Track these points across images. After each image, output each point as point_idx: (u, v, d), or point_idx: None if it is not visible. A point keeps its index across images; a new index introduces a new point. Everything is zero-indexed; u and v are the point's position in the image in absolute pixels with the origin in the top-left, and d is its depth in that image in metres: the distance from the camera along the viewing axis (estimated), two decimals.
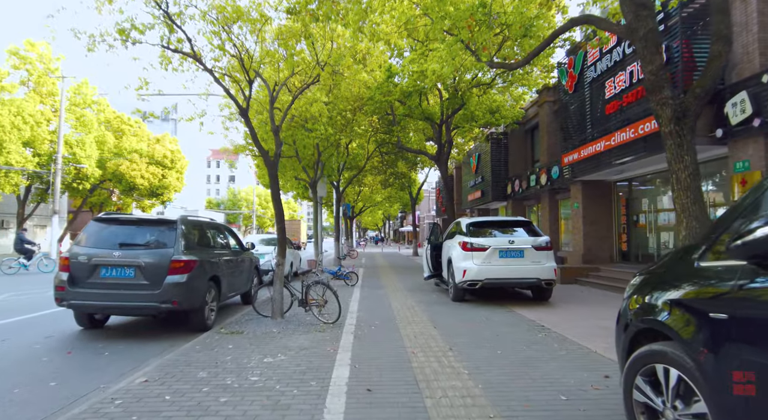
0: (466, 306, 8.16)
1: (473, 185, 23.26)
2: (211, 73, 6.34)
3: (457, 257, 8.36)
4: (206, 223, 7.58)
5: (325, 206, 34.03)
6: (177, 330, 6.62)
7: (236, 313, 8.01)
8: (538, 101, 17.26)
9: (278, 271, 6.85)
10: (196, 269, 6.31)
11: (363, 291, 10.49)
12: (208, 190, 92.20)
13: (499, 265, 8.01)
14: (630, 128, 9.38)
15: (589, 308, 7.94)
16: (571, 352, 4.96)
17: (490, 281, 8.02)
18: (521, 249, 8.04)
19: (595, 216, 13.12)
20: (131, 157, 31.21)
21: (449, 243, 9.37)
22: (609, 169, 10.94)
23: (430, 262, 10.54)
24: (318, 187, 14.40)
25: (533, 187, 16.49)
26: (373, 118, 19.89)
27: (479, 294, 9.05)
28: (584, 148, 11.47)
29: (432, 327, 6.30)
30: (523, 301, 8.72)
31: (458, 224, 9.35)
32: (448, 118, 14.35)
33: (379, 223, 74.32)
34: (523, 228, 8.64)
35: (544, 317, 6.98)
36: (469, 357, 4.74)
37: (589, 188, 13.08)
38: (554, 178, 14.51)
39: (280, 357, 4.80)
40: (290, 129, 10.81)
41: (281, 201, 6.97)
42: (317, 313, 6.71)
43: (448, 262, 9.09)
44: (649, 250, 11.83)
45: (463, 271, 8.09)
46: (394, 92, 11.69)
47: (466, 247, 8.17)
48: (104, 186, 32.72)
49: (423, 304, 8.35)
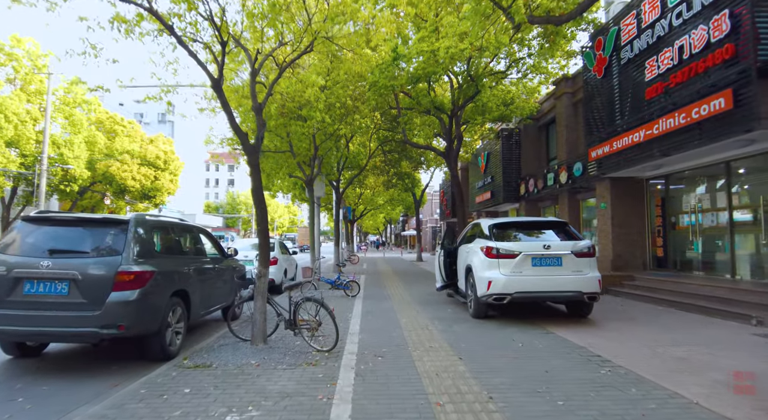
0: (491, 325, 6.73)
1: (481, 186, 21.85)
2: (172, 32, 4.95)
3: (480, 265, 6.94)
4: (173, 224, 6.18)
5: (324, 209, 32.66)
6: (133, 358, 5.20)
7: (214, 332, 6.59)
8: (555, 93, 15.87)
9: (259, 284, 5.44)
10: (152, 283, 4.91)
11: (366, 304, 9.06)
12: (206, 194, 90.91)
13: (533, 276, 6.59)
14: (680, 113, 7.98)
15: (642, 328, 6.50)
16: (662, 403, 3.53)
17: (521, 295, 6.59)
18: (559, 255, 6.61)
19: (625, 217, 11.69)
20: (122, 157, 29.86)
21: (467, 248, 7.95)
22: (648, 162, 9.53)
23: (443, 270, 9.11)
24: (315, 186, 13.01)
25: (550, 187, 15.07)
26: (376, 114, 18.58)
27: (504, 308, 7.61)
28: (617, 140, 10.07)
29: (456, 358, 4.87)
30: (557, 318, 7.29)
31: (478, 226, 7.94)
32: (459, 108, 12.96)
33: (380, 227, 72.84)
34: (557, 230, 7.22)
35: (593, 342, 5.55)
36: (522, 413, 3.31)
37: (619, 186, 11.65)
38: (576, 175, 13.10)
39: (251, 413, 3.37)
40: (282, 117, 9.45)
41: (264, 197, 5.57)
42: (309, 337, 5.28)
43: (466, 270, 7.67)
44: (691, 255, 10.40)
45: (487, 283, 6.66)
46: (399, 77, 10.31)
47: (491, 253, 6.75)
48: (94, 188, 31.35)
49: (439, 323, 6.92)
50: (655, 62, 8.74)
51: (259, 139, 5.52)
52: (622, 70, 10.00)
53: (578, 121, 15.00)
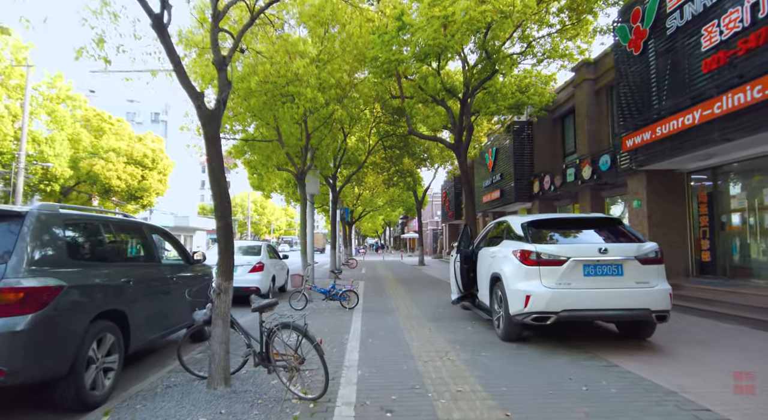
0: (530, 351, 5.19)
1: (489, 185, 20.33)
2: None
3: (514, 275, 5.40)
4: (106, 220, 4.61)
5: (321, 210, 31.10)
6: (40, 408, 3.65)
7: (170, 360, 5.04)
8: (573, 81, 14.41)
9: (218, 303, 3.89)
10: (58, 303, 3.38)
11: (366, 319, 7.51)
12: (202, 196, 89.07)
13: (585, 288, 5.05)
14: (753, 86, 6.48)
15: (727, 357, 4.97)
16: None
17: (570, 314, 5.05)
18: (619, 262, 5.08)
19: (663, 217, 10.18)
20: (107, 156, 28.26)
21: (491, 252, 6.42)
22: (701, 149, 8.04)
23: (460, 278, 7.57)
24: (308, 181, 11.46)
25: (570, 183, 13.57)
26: (376, 105, 17.08)
27: (538, 327, 6.05)
28: (661, 125, 8.57)
29: (501, 413, 3.33)
30: (607, 339, 5.76)
31: (505, 224, 6.41)
32: (472, 92, 11.45)
33: (379, 230, 71.26)
34: (609, 229, 5.69)
35: (682, 383, 4.01)
36: None
37: (656, 181, 10.14)
38: (603, 169, 11.60)
39: None
40: (265, 96, 7.92)
41: (224, 181, 4.02)
42: (287, 380, 3.73)
43: (491, 280, 6.13)
44: (746, 260, 8.89)
45: (524, 298, 5.12)
46: (404, 55, 8.78)
47: (529, 258, 5.21)
48: (79, 188, 29.72)
49: (461, 348, 5.38)
50: (716, 28, 7.25)
51: (220, 103, 3.99)
52: (667, 42, 8.51)
53: (601, 111, 13.53)
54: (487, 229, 7.53)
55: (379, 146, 19.06)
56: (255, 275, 9.89)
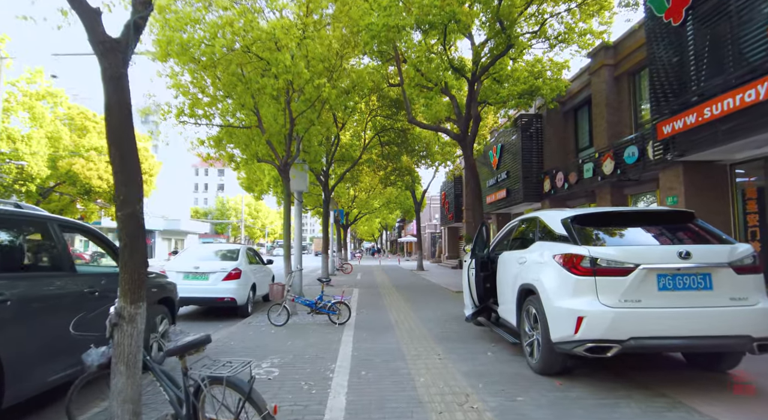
0: (582, 392, 3.76)
1: (493, 184, 18.95)
2: None
3: (558, 287, 3.98)
4: None
5: (316, 213, 29.64)
6: None
7: None
8: (590, 68, 13.09)
9: (119, 339, 2.45)
10: None
11: (358, 340, 6.08)
12: (195, 199, 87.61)
13: (662, 308, 3.64)
14: None
15: None
16: None
17: (641, 344, 3.63)
18: (706, 270, 3.68)
19: (704, 215, 8.70)
20: (88, 155, 26.73)
21: (518, 257, 5.02)
22: (762, 133, 6.67)
23: (474, 289, 6.15)
24: (294, 177, 10.05)
25: (587, 180, 12.21)
26: (372, 97, 15.72)
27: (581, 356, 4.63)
28: (708, 106, 7.23)
29: None
30: (676, 372, 4.35)
31: (538, 221, 5.01)
32: (483, 70, 10.08)
33: (375, 234, 69.80)
34: (680, 228, 4.29)
35: None
36: None
37: (695, 174, 8.78)
38: (629, 163, 10.25)
39: None
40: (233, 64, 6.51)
41: (134, 148, 2.58)
42: None
43: (520, 293, 4.72)
44: None
45: (575, 320, 3.71)
46: (405, 20, 7.40)
47: (580, 266, 3.80)
48: (59, 189, 28.16)
49: (485, 388, 3.95)
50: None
51: (130, 28, 2.57)
52: (717, 6, 7.17)
53: (622, 99, 12.20)
54: (508, 229, 6.13)
55: (376, 142, 17.68)
56: (230, 284, 8.44)
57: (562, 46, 12.51)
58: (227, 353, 5.31)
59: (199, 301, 8.58)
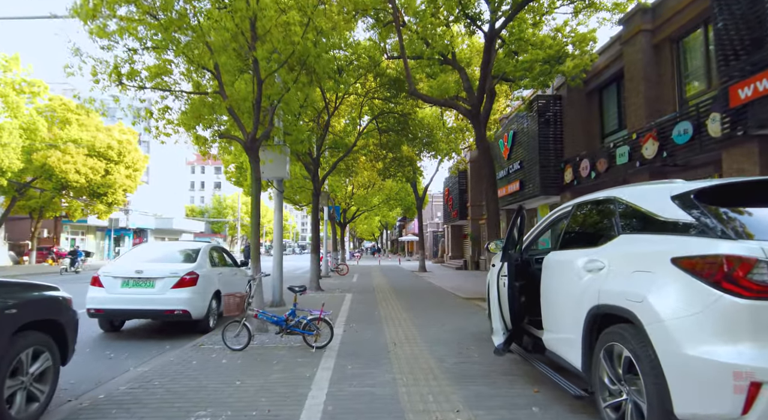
0: None
1: (504, 176, 17.08)
2: None
3: (696, 319, 2.11)
4: None
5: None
6: None
7: None
8: (622, 37, 11.22)
9: None
10: None
11: (339, 377, 4.21)
12: (191, 197, 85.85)
13: None
14: None
15: None
16: None
17: None
18: None
19: None
20: (65, 147, 24.87)
21: (585, 262, 3.14)
22: None
23: (506, 308, 4.27)
24: (270, 160, 8.21)
25: (620, 167, 10.34)
26: (369, 76, 13.86)
27: None
28: None
29: None
30: None
31: (619, 201, 3.12)
32: (507, 22, 8.24)
33: (375, 233, 67.94)
34: None
35: None
36: None
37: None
38: (679, 143, 8.40)
39: None
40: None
41: None
42: None
43: (593, 320, 2.86)
44: None
45: (744, 389, 1.84)
46: None
47: (749, 280, 1.93)
48: (36, 184, 26.31)
49: None
50: None
51: None
52: None
53: (663, 71, 10.32)
54: (553, 218, 4.28)
55: (373, 128, 15.81)
56: (182, 292, 6.55)
57: (588, 12, 10.70)
58: (129, 409, 3.46)
59: (141, 315, 6.72)
